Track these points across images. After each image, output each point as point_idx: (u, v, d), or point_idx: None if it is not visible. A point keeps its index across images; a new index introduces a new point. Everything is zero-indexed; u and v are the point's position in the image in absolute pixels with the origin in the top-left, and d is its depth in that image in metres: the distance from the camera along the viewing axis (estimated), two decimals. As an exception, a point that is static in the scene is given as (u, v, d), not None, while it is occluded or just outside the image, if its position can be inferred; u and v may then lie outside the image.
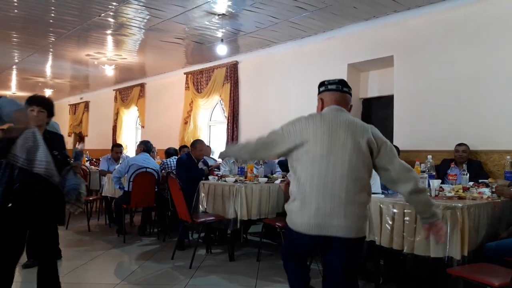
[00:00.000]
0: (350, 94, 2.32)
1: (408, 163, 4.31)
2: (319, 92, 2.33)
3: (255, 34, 6.79)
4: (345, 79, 6.38)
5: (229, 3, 5.52)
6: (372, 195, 2.96)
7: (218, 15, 5.92)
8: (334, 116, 2.15)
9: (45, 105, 2.75)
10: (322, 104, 2.29)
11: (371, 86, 6.51)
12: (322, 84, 2.34)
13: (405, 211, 3.05)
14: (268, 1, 5.36)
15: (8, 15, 6.14)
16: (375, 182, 3.57)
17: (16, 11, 5.97)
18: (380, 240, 3.20)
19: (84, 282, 3.72)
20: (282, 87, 7.32)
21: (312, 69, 6.80)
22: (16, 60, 9.23)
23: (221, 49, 6.88)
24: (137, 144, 6.47)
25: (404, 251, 3.05)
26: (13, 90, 13.57)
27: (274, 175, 5.04)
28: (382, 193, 3.48)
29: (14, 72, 10.72)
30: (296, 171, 2.11)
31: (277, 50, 7.41)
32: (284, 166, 5.76)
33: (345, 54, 6.35)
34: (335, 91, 2.26)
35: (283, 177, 4.92)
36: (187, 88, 9.41)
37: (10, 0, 5.54)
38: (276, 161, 5.92)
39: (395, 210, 3.11)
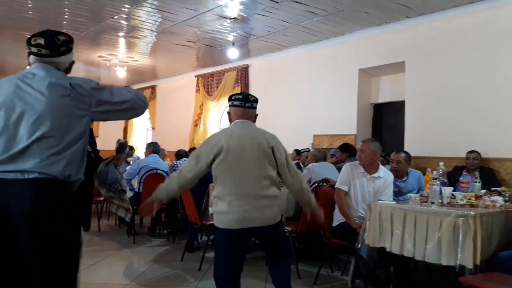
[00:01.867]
0: (254, 108, 2.57)
1: (419, 169, 4.33)
2: (229, 105, 2.61)
3: (266, 38, 6.81)
4: (356, 84, 6.43)
5: (241, 7, 5.55)
6: (383, 202, 3.20)
7: (230, 18, 5.95)
8: (241, 128, 2.48)
9: None
10: (230, 117, 2.61)
11: (382, 92, 6.49)
12: (229, 99, 2.61)
13: (417, 217, 3.03)
14: (279, 5, 5.38)
15: (22, 16, 6.23)
16: (388, 191, 3.57)
17: (30, 12, 6.06)
18: (390, 247, 3.17)
19: (94, 282, 3.74)
20: (292, 91, 7.33)
21: (323, 74, 6.80)
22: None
23: (232, 53, 6.91)
24: (145, 146, 6.52)
25: (415, 258, 3.02)
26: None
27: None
28: (394, 199, 3.46)
29: (28, 73, 10.87)
30: (217, 178, 2.43)
31: (288, 54, 7.42)
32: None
33: (357, 59, 6.34)
34: (239, 106, 2.52)
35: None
36: (197, 90, 9.45)
37: (25, 2, 5.62)
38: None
39: (406, 217, 3.09)
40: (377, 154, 3.57)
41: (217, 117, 9.38)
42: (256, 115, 2.61)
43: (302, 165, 5.89)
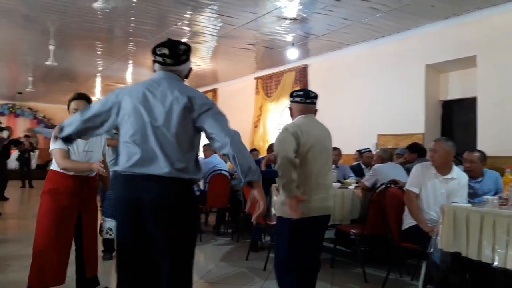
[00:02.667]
0: (314, 103, 2.78)
1: (495, 169, 4.06)
2: (290, 101, 2.87)
3: (326, 37, 6.72)
4: (423, 80, 6.16)
5: (300, 7, 5.52)
6: (458, 205, 3.08)
7: (289, 19, 5.95)
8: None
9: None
10: (292, 112, 2.86)
11: (452, 88, 6.16)
12: (291, 95, 2.85)
13: (496, 221, 2.84)
14: (340, 3, 5.29)
15: (93, 26, 6.65)
16: (463, 193, 3.39)
17: (100, 23, 6.45)
18: (466, 252, 3.00)
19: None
20: (354, 90, 7.18)
21: (386, 71, 6.59)
22: (100, 68, 9.97)
23: (292, 53, 6.91)
24: (203, 147, 6.66)
25: (495, 264, 2.83)
26: (97, 95, 14.64)
27: (347, 180, 4.94)
28: (469, 202, 3.27)
29: (99, 80, 11.58)
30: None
31: (349, 53, 7.27)
32: (357, 171, 5.64)
33: (423, 55, 6.07)
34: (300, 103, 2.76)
35: (357, 183, 4.80)
36: (257, 92, 9.55)
37: (95, 13, 5.98)
38: (348, 165, 5.82)
39: (484, 221, 2.91)
40: (451, 154, 3.40)
41: (276, 118, 9.41)
42: (316, 110, 2.79)
43: (363, 166, 5.75)
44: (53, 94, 14.28)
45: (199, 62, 8.88)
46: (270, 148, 5.50)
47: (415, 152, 4.87)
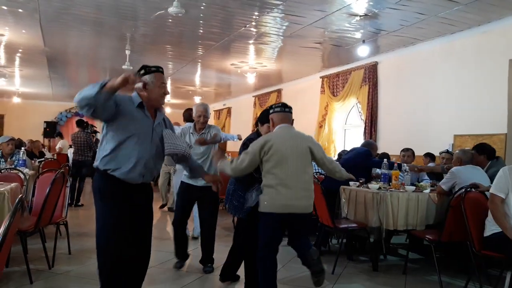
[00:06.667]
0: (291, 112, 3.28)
1: None
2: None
3: (399, 33, 6.44)
4: (506, 77, 5.70)
5: (371, 3, 5.34)
6: None
7: (359, 16, 5.78)
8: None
9: None
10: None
11: (542, 84, 5.62)
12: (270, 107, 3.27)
13: None
14: (414, -3, 5.05)
15: (164, 31, 6.95)
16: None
17: (171, 27, 6.72)
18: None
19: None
20: (427, 88, 6.81)
21: (464, 67, 6.18)
22: (171, 72, 10.39)
23: (363, 50, 6.71)
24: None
25: None
26: (168, 98, 15.25)
27: (421, 183, 4.68)
28: None
29: (169, 82, 12.09)
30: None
31: (423, 48, 6.92)
32: (432, 174, 5.34)
33: (506, 49, 5.60)
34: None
35: (432, 186, 4.55)
36: (322, 92, 9.41)
37: (166, 19, 6.23)
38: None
39: None
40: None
41: (342, 118, 9.20)
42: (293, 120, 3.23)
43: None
44: (128, 97, 15.16)
45: (264, 63, 8.94)
46: None
47: (483, 153, 4.45)
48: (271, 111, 3.18)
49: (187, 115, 5.27)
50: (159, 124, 2.65)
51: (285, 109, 3.16)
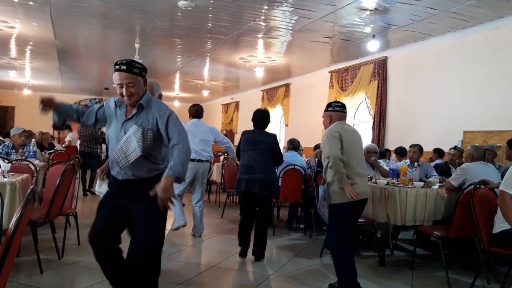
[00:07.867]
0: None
1: None
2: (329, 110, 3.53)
3: (409, 28, 6.39)
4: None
5: (382, -3, 5.30)
6: None
7: (370, 10, 5.74)
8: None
9: None
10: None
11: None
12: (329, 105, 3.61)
13: None
14: (426, -9, 5.00)
15: (174, 25, 6.96)
16: None
17: (181, 21, 6.72)
18: None
19: (239, 269, 3.98)
20: (437, 83, 6.76)
21: (475, 63, 6.12)
22: (179, 65, 10.42)
23: (373, 45, 6.67)
24: (287, 142, 6.70)
25: None
26: (176, 91, 15.34)
27: (430, 179, 4.65)
28: None
29: (178, 76, 12.13)
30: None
31: (433, 43, 6.86)
32: (441, 170, 5.30)
33: (519, 44, 5.54)
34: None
35: (441, 182, 4.52)
36: (331, 86, 9.37)
37: (175, 13, 6.24)
38: (433, 164, 5.49)
39: None
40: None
41: (351, 113, 9.15)
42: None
43: (451, 166, 5.39)
44: (136, 90, 15.20)
45: (273, 57, 8.92)
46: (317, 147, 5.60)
47: None
48: (330, 108, 3.50)
49: (193, 111, 5.12)
50: (132, 119, 2.42)
51: (343, 110, 3.53)
